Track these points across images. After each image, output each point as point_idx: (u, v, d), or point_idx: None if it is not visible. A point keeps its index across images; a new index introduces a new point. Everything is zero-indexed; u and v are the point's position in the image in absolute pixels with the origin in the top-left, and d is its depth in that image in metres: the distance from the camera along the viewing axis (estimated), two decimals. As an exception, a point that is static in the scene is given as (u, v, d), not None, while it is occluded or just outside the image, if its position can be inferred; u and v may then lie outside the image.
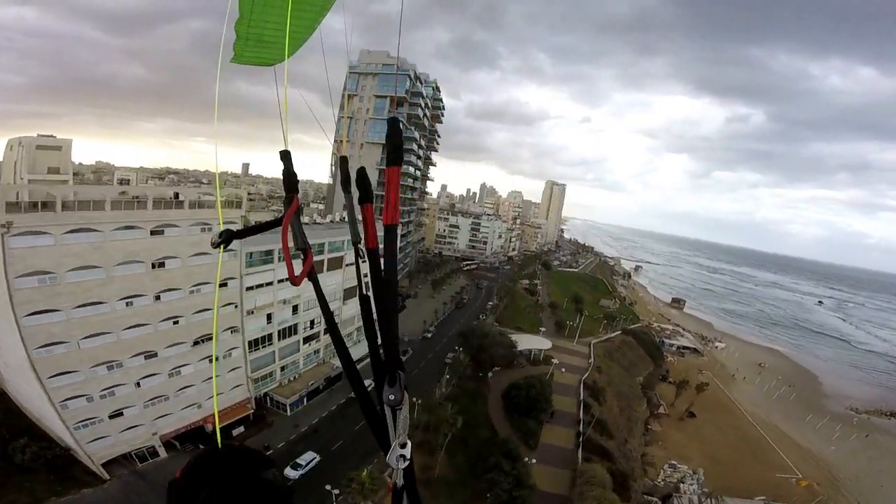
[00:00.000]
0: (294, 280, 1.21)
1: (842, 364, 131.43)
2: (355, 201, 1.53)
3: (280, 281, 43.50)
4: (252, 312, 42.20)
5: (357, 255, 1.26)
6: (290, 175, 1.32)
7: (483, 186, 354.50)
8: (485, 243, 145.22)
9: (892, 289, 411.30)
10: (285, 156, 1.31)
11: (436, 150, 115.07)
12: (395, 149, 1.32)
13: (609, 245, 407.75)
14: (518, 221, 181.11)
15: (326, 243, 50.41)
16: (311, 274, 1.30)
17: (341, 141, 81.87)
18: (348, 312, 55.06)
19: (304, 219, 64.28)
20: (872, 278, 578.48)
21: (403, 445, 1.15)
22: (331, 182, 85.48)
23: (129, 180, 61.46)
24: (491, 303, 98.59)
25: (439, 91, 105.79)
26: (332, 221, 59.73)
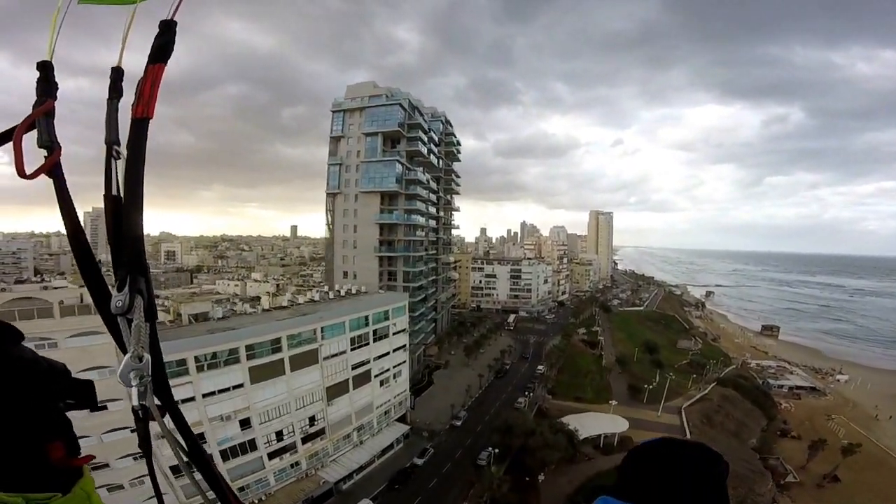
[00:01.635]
0: (22, 174, 0.99)
1: None
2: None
3: (211, 394, 31.53)
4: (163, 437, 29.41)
5: (110, 155, 1.07)
6: (44, 81, 1.10)
7: (523, 225, 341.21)
8: (529, 291, 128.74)
9: None
10: (42, 66, 1.10)
11: (456, 193, 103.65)
12: (163, 45, 1.13)
13: (668, 272, 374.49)
14: (565, 260, 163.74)
15: (284, 339, 38.19)
16: (56, 172, 1.05)
17: (334, 194, 69.72)
18: (336, 414, 42.51)
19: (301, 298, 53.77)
20: None
21: (140, 359, 0.99)
22: (328, 235, 72.95)
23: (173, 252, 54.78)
24: (541, 367, 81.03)
25: (450, 125, 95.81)
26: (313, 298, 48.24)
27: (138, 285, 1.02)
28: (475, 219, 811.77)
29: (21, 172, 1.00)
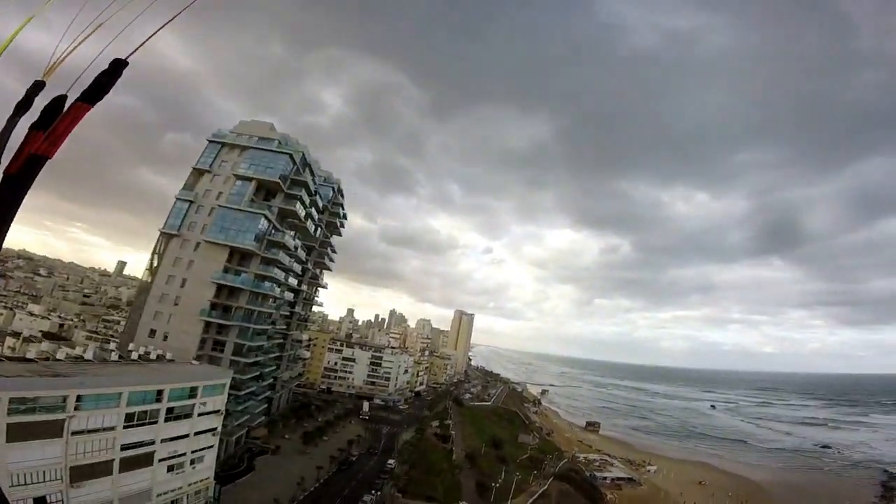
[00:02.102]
0: None
1: (769, 466, 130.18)
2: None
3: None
4: None
5: None
6: None
7: (392, 313, 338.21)
8: (387, 379, 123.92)
9: (750, 384, 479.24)
10: None
11: (327, 269, 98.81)
12: (99, 86, 1.00)
13: (511, 370, 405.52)
14: (427, 353, 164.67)
15: (3, 400, 28.56)
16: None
17: (170, 235, 59.36)
18: (87, 499, 32.88)
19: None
20: (732, 377, 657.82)
21: None
22: (146, 279, 58.71)
23: None
24: (392, 461, 75.00)
25: (342, 195, 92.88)
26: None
27: None
28: (345, 297, 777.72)
29: None
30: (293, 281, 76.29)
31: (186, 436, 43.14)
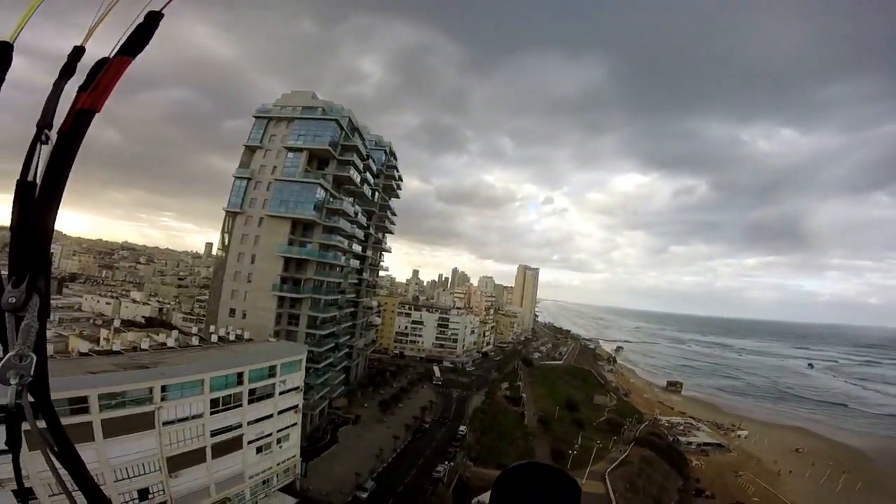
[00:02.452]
0: None
1: (875, 433, 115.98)
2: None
3: None
4: None
5: (37, 138, 0.96)
6: None
7: (455, 272, 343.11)
8: (455, 341, 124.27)
9: (853, 340, 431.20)
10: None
11: (389, 232, 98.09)
12: (136, 38, 1.04)
13: (581, 326, 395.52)
14: (492, 311, 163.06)
15: (94, 398, 28.71)
16: None
17: (235, 213, 57.75)
18: (185, 486, 33.83)
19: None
20: (831, 332, 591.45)
21: (21, 358, 0.93)
22: (221, 253, 60.52)
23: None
24: (463, 428, 74.87)
25: (394, 158, 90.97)
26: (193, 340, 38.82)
27: (37, 283, 0.96)
28: (409, 259, 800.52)
29: None
30: (357, 248, 76.72)
31: (271, 416, 43.86)
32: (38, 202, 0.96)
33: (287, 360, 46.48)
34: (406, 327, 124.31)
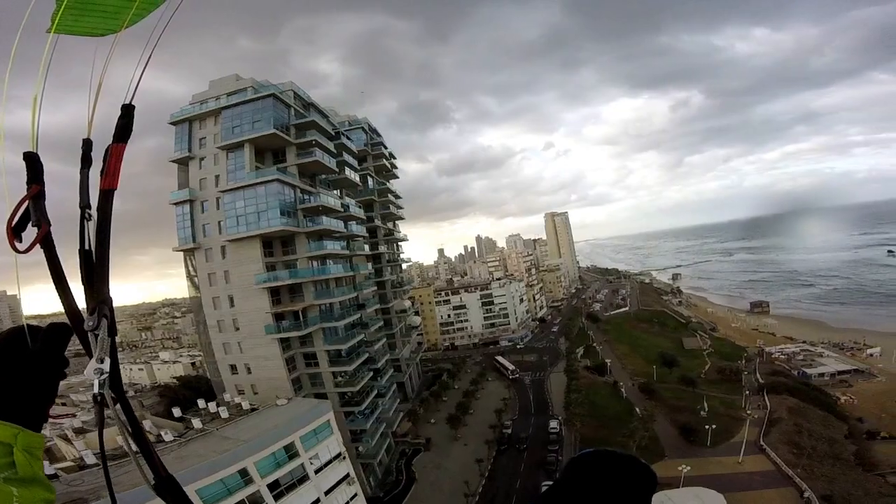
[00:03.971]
0: (16, 250, 1.26)
1: None
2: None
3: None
4: None
5: (83, 217, 1.35)
6: (31, 169, 1.35)
7: (479, 239, 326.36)
8: (506, 316, 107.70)
9: None
10: (27, 157, 1.35)
11: (399, 218, 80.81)
12: (124, 127, 1.39)
13: (622, 261, 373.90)
14: (533, 271, 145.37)
15: None
16: (46, 241, 1.32)
17: (189, 250, 43.46)
18: None
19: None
20: (881, 208, 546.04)
21: (101, 360, 1.28)
22: (196, 294, 46.13)
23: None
24: (554, 424, 59.48)
25: (377, 135, 73.33)
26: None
27: (103, 311, 1.30)
28: (430, 239, 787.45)
29: (15, 249, 1.26)
30: (363, 247, 59.72)
31: (318, 501, 31.88)
32: (96, 262, 1.33)
33: (307, 430, 31.31)
34: (449, 315, 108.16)
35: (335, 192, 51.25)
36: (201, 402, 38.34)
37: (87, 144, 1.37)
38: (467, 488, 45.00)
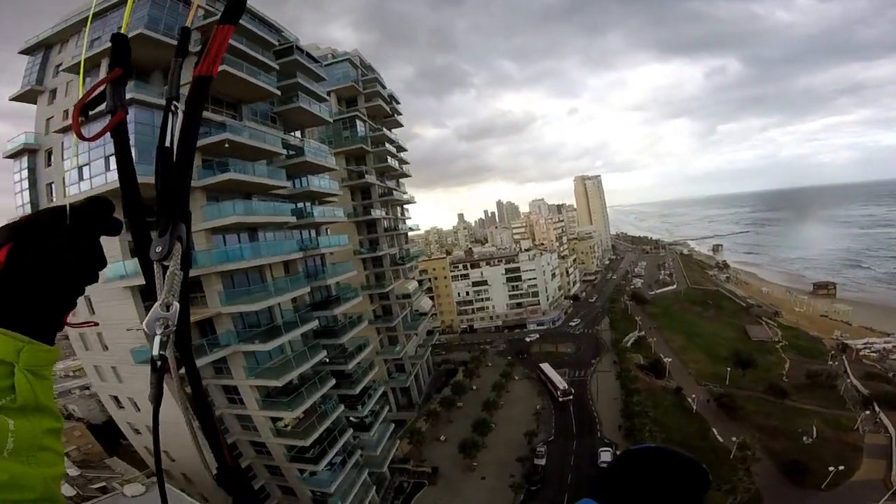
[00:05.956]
0: (80, 137, 1.04)
1: None
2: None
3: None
4: None
5: (168, 109, 1.12)
6: (115, 52, 1.18)
7: (500, 204, 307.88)
8: (535, 294, 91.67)
9: None
10: (114, 39, 1.18)
11: (404, 175, 63.25)
12: (234, 6, 1.19)
13: (648, 229, 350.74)
14: (564, 239, 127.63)
15: None
16: (119, 130, 1.12)
17: None
18: None
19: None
20: None
21: (168, 307, 0.99)
22: None
23: None
24: (605, 453, 44.40)
25: (369, 70, 54.83)
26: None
27: (178, 232, 1.04)
28: (451, 206, 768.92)
29: (80, 135, 1.05)
30: (342, 211, 42.45)
31: None
32: (176, 163, 1.10)
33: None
34: (468, 293, 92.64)
35: (280, 129, 33.73)
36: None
37: (185, 34, 1.21)
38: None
